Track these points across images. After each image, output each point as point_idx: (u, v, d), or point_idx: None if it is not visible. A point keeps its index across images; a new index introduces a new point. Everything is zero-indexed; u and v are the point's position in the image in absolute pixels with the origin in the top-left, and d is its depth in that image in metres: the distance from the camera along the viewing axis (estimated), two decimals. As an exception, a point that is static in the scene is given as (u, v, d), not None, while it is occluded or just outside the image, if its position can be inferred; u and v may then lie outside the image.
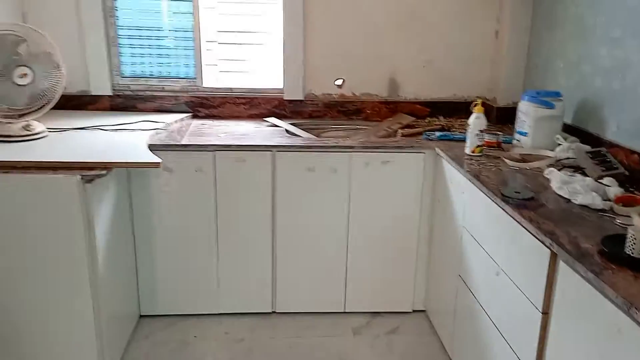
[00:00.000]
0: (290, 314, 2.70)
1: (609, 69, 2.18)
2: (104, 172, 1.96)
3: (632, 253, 1.35)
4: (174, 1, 2.86)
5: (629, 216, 1.62)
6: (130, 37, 2.88)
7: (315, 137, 2.81)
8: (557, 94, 2.34)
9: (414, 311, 2.75)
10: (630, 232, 1.36)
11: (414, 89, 3.04)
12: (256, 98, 2.97)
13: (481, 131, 2.29)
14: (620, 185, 1.84)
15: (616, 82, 2.13)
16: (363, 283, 2.66)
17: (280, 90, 2.99)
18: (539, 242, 1.55)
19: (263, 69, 3.02)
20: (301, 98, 2.98)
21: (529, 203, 1.76)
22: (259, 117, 2.96)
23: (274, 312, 2.70)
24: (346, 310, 2.72)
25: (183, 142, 2.42)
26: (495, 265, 1.87)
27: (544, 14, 2.70)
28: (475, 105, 2.30)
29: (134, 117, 2.74)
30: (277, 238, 2.56)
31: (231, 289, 2.61)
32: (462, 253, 2.19)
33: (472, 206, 2.11)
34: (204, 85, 2.96)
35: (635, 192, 1.82)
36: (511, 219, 1.72)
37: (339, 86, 2.99)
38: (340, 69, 2.97)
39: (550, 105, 2.30)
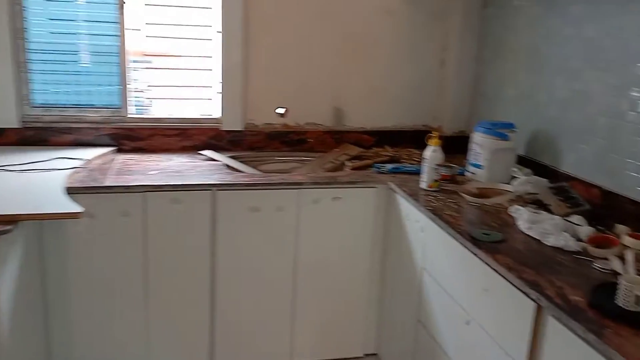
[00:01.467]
0: (233, 369, 2.42)
1: (566, 100, 2.13)
2: (9, 227, 1.61)
3: (627, 306, 1.24)
4: (95, 22, 2.55)
5: (605, 258, 1.52)
6: (43, 61, 2.52)
7: (259, 172, 2.57)
8: (511, 125, 2.27)
9: (365, 355, 2.56)
10: (622, 284, 1.25)
11: (359, 118, 2.89)
12: (189, 129, 2.70)
13: (438, 165, 2.16)
14: (588, 223, 1.76)
15: (574, 114, 2.08)
16: (311, 329, 2.43)
17: (217, 120, 2.73)
18: (521, 293, 1.41)
19: (197, 97, 2.76)
20: (240, 128, 2.74)
21: (500, 246, 1.63)
22: (193, 149, 2.68)
23: (214, 367, 2.40)
24: (294, 361, 2.47)
25: (107, 183, 2.10)
26: (465, 314, 1.71)
27: (493, 44, 2.66)
28: (431, 138, 2.17)
29: (46, 153, 2.38)
30: (216, 286, 2.28)
31: (163, 347, 2.28)
32: (423, 297, 2.03)
33: (433, 247, 1.96)
34: (130, 114, 2.65)
35: (606, 231, 1.73)
36: (484, 264, 1.58)
37: (282, 115, 2.78)
38: (283, 97, 2.76)
39: (505, 137, 2.22)
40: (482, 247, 1.60)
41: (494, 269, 1.52)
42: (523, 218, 1.77)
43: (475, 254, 1.62)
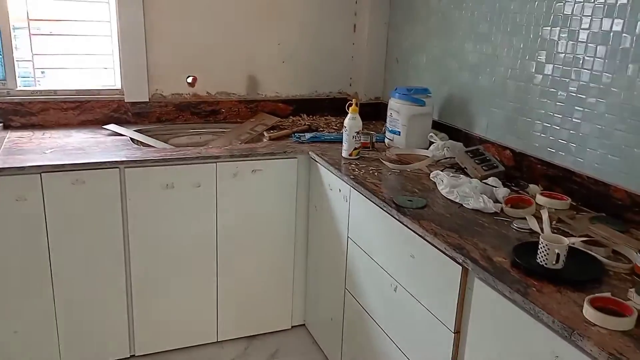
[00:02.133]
0: (154, 354, 2.30)
1: (476, 64, 2.18)
2: None
3: (546, 264, 1.29)
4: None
5: (522, 218, 1.58)
6: None
7: (170, 146, 2.41)
8: (426, 91, 2.29)
9: (292, 327, 2.54)
10: (542, 243, 1.30)
11: (274, 86, 2.79)
12: (88, 101, 2.46)
13: (357, 133, 2.13)
14: (503, 184, 1.82)
15: (484, 78, 2.14)
16: (236, 306, 2.36)
17: (119, 91, 2.51)
18: (447, 257, 1.43)
19: (95, 67, 2.51)
20: (146, 100, 2.54)
21: (424, 212, 1.64)
22: (94, 124, 2.45)
23: (132, 356, 2.26)
24: (220, 339, 2.40)
25: (-6, 165, 1.85)
26: (393, 280, 1.72)
27: (404, 8, 2.65)
28: (350, 105, 2.13)
29: None
30: (131, 270, 2.12)
31: (75, 338, 2.11)
32: (349, 265, 2.03)
33: (358, 215, 1.95)
34: (18, 87, 2.35)
35: (520, 191, 1.81)
36: (410, 231, 1.59)
37: (190, 84, 2.61)
38: (191, 65, 2.59)
39: (421, 103, 2.24)
40: (407, 214, 1.61)
41: (420, 235, 1.53)
42: (443, 182, 1.80)
43: (400, 222, 1.63)
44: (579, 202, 1.72)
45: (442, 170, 1.93)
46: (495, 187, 1.76)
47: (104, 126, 2.39)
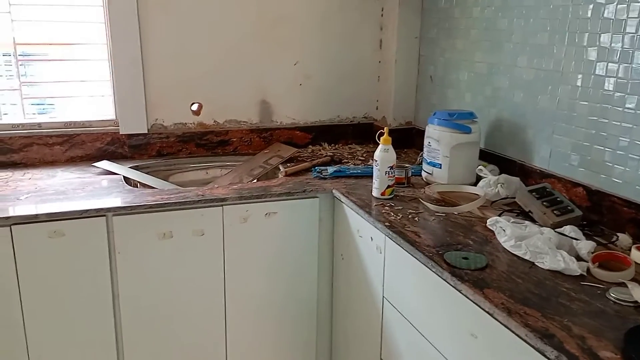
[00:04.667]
0: None
1: (532, 82, 1.81)
2: None
3: (680, 364, 0.90)
4: None
5: (620, 284, 1.19)
6: None
7: (171, 185, 2.07)
8: (471, 115, 1.92)
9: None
10: (674, 334, 0.91)
11: (290, 112, 2.45)
12: (78, 135, 2.14)
13: (391, 167, 1.77)
14: (582, 233, 1.44)
15: (544, 98, 1.76)
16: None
17: (114, 122, 2.19)
18: (529, 347, 1.04)
19: (85, 96, 2.20)
20: (144, 131, 2.22)
21: (486, 275, 1.26)
22: (85, 160, 2.14)
23: None
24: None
25: (-48, 218, 1.53)
26: (445, 361, 1.34)
27: (439, 19, 2.29)
28: (382, 135, 1.77)
29: None
30: (123, 338, 1.77)
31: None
32: (385, 334, 1.65)
33: (396, 272, 1.57)
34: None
35: (608, 244, 1.42)
36: (470, 302, 1.21)
37: (195, 112, 2.29)
38: (196, 91, 2.27)
39: (466, 130, 1.87)
40: (466, 280, 1.23)
41: (487, 311, 1.15)
42: (506, 233, 1.41)
43: (455, 288, 1.25)
44: (687, 257, 1.32)
45: (500, 215, 1.55)
46: (576, 239, 1.37)
47: (94, 164, 2.06)
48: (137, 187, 1.99)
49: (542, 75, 1.76)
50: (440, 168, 1.90)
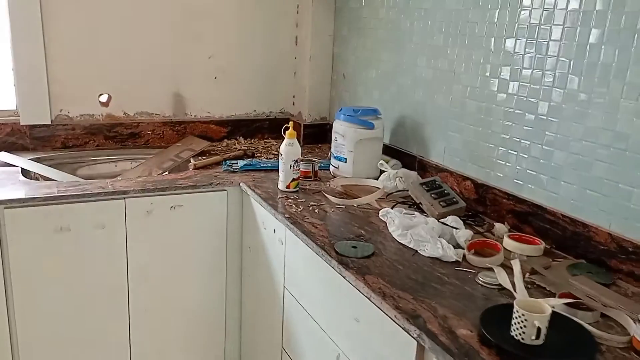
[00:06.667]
0: None
1: (431, 81, 1.90)
2: None
3: (523, 339, 0.99)
4: None
5: (489, 268, 1.29)
6: None
7: (76, 178, 2.01)
8: (375, 112, 2.00)
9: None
10: (517, 312, 1.00)
11: (205, 106, 2.44)
12: (-26, 125, 2.04)
13: (295, 161, 1.81)
14: (464, 222, 1.54)
15: (440, 97, 1.86)
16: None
17: (14, 113, 2.10)
18: (399, 327, 1.11)
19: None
20: (48, 122, 2.14)
21: (371, 262, 1.33)
22: (-18, 151, 2.04)
23: None
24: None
25: None
26: (335, 346, 1.40)
27: (350, 18, 2.36)
28: (287, 129, 1.81)
29: None
30: (18, 337, 1.71)
31: None
32: (287, 321, 1.69)
33: (295, 262, 1.62)
34: None
35: (485, 232, 1.52)
36: (352, 288, 1.27)
37: (104, 103, 2.24)
38: (104, 82, 2.22)
39: (369, 125, 1.94)
40: (351, 267, 1.29)
41: (366, 295, 1.21)
42: (394, 223, 1.49)
43: (342, 275, 1.30)
44: (553, 244, 1.45)
45: (393, 207, 1.63)
46: (456, 228, 1.47)
47: (-10, 155, 1.98)
48: (38, 180, 1.93)
49: (439, 75, 1.86)
50: (346, 162, 1.97)
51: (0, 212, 1.61)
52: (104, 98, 2.23)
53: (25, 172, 1.89)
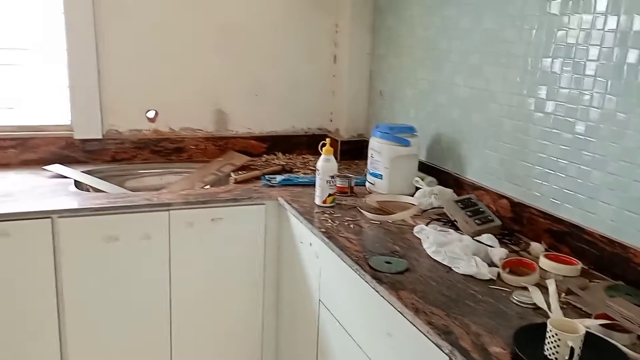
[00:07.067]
0: None
1: (467, 100, 1.92)
2: None
3: (557, 359, 1.00)
4: None
5: (524, 287, 1.29)
6: None
7: (124, 190, 2.12)
8: (411, 129, 2.03)
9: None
10: (550, 332, 1.01)
11: (246, 122, 2.53)
12: (32, 139, 2.18)
13: (332, 177, 1.86)
14: (499, 241, 1.54)
15: (477, 115, 1.88)
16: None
17: (69, 127, 2.24)
18: (431, 343, 1.13)
19: (39, 99, 2.24)
20: (99, 136, 2.27)
21: (405, 278, 1.35)
22: (38, 163, 2.17)
23: None
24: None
25: None
26: (368, 360, 1.42)
27: (387, 37, 2.41)
28: (324, 146, 1.86)
29: None
30: (67, 340, 1.80)
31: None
32: (321, 334, 1.72)
33: (329, 276, 1.65)
34: (-52, 123, 2.09)
35: (520, 251, 1.52)
36: (386, 302, 1.29)
37: (151, 119, 2.35)
38: (152, 99, 2.33)
39: (405, 143, 1.97)
40: (384, 282, 1.32)
41: (398, 311, 1.24)
42: (429, 240, 1.51)
43: (375, 290, 1.33)
44: (590, 265, 1.43)
45: (428, 224, 1.65)
46: (491, 246, 1.47)
47: (45, 167, 2.10)
48: (89, 191, 2.04)
49: (475, 93, 1.88)
50: (381, 179, 2.00)
51: (55, 221, 1.72)
52: (151, 114, 2.34)
53: (77, 184, 2.01)
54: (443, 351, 1.08)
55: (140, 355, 1.92)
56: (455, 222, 1.64)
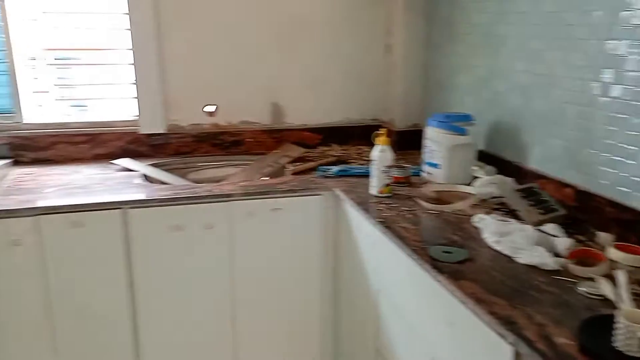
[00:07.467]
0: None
1: (528, 86, 1.87)
2: None
3: (629, 351, 0.97)
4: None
5: (590, 279, 1.26)
6: None
7: (187, 182, 2.21)
8: (467, 117, 2.00)
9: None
10: (621, 322, 0.98)
11: (301, 114, 2.56)
12: (102, 134, 2.31)
13: (388, 167, 1.86)
14: (564, 230, 1.50)
15: (538, 102, 1.82)
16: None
17: (134, 123, 2.35)
18: (494, 333, 1.13)
19: (108, 97, 2.36)
20: (162, 131, 2.37)
21: (465, 268, 1.34)
22: (108, 157, 2.29)
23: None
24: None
25: (-13, 207, 1.70)
26: (429, 349, 1.43)
27: (442, 24, 2.37)
28: (379, 136, 1.87)
29: None
30: (139, 324, 1.92)
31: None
32: (380, 323, 1.74)
33: (388, 266, 1.67)
34: (26, 120, 2.23)
35: (586, 241, 1.48)
36: (447, 292, 1.29)
37: (211, 114, 2.43)
38: (211, 93, 2.41)
39: (462, 131, 1.95)
40: (444, 271, 1.32)
41: (460, 300, 1.24)
42: (489, 229, 1.49)
43: (435, 279, 1.33)
44: (663, 256, 1.37)
45: (488, 213, 1.63)
46: (555, 236, 1.44)
47: (113, 161, 2.22)
48: (155, 183, 2.14)
49: (536, 79, 1.83)
50: (439, 168, 1.99)
51: (126, 211, 1.82)
52: (211, 109, 2.41)
53: (145, 176, 2.11)
54: (506, 340, 1.08)
55: (204, 339, 2.01)
56: (516, 212, 1.61)
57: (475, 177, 1.91)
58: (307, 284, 2.08)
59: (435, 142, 1.98)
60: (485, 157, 2.07)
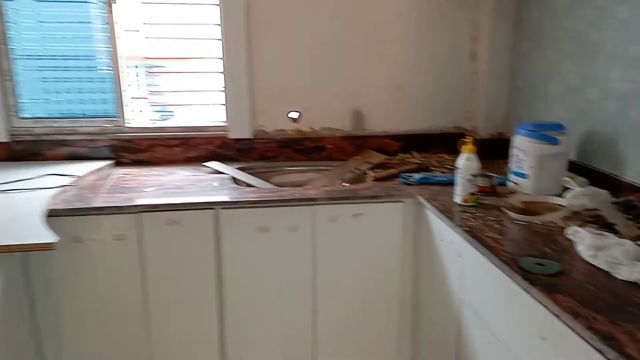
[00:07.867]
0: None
1: (625, 94, 1.79)
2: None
3: None
4: (84, 23, 2.31)
5: (698, 299, 1.19)
6: (30, 68, 2.30)
7: (271, 185, 2.30)
8: (559, 127, 1.94)
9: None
10: None
11: (381, 121, 2.59)
12: (194, 138, 2.44)
13: (474, 175, 1.84)
14: (667, 247, 1.42)
15: (636, 110, 1.74)
16: (335, 357, 2.14)
17: (224, 128, 2.47)
18: (592, 349, 1.09)
19: (206, 103, 2.50)
20: (249, 136, 2.47)
21: (559, 281, 1.31)
22: (199, 160, 2.43)
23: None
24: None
25: (95, 204, 1.86)
26: (516, 362, 1.40)
27: (530, 31, 2.32)
28: (465, 144, 1.86)
29: (37, 169, 2.16)
30: (226, 317, 2.02)
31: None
32: (462, 332, 1.72)
33: (473, 275, 1.65)
34: (128, 124, 2.41)
35: (692, 258, 1.40)
36: (540, 305, 1.27)
37: (295, 120, 2.50)
38: (295, 100, 2.48)
39: (553, 141, 1.89)
40: (537, 283, 1.29)
41: (554, 314, 1.21)
42: (584, 242, 1.44)
43: (527, 291, 1.31)
44: None
45: (581, 226, 1.57)
46: (657, 252, 1.37)
47: (204, 163, 2.35)
48: (242, 185, 2.24)
49: (635, 87, 1.75)
50: (527, 178, 1.94)
51: (217, 212, 1.92)
52: (295, 115, 2.49)
53: (233, 178, 2.22)
54: (606, 357, 1.04)
55: (286, 334, 2.08)
56: (613, 226, 1.55)
57: (567, 189, 1.85)
58: (386, 289, 2.09)
59: (524, 151, 1.93)
60: (576, 168, 1.99)
